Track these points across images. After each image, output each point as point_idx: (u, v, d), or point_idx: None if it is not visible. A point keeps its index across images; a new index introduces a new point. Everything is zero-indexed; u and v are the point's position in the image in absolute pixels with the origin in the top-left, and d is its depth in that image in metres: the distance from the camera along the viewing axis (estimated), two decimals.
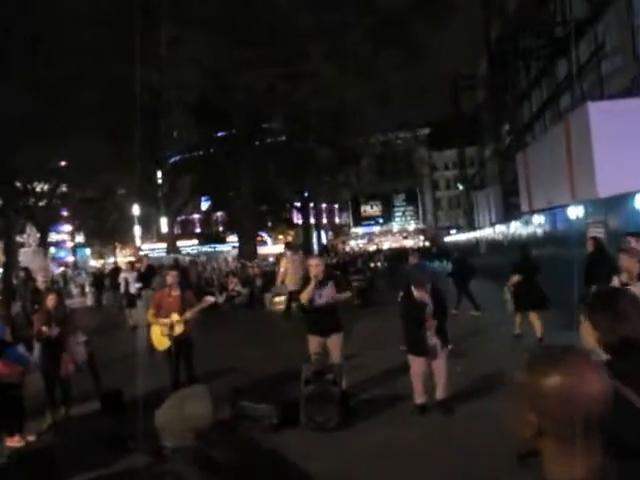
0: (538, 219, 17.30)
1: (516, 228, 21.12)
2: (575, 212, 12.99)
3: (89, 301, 27.13)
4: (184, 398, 6.22)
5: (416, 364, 6.41)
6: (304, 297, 6.86)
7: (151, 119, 28.26)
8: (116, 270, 26.88)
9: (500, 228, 25.33)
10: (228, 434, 6.29)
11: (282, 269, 15.27)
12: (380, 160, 40.52)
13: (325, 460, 5.50)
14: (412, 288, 6.32)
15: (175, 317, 7.15)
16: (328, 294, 6.76)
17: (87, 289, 29.37)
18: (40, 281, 9.82)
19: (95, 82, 24.05)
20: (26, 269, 11.58)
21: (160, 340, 7.23)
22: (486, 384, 7.20)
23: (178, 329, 7.15)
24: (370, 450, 5.66)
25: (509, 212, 30.27)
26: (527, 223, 18.95)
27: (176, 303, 7.24)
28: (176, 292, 7.36)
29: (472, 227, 47.65)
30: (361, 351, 9.36)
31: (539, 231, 17.31)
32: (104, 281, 26.77)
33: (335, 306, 6.93)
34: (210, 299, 7.79)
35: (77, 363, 7.62)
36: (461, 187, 58.94)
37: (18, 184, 31.81)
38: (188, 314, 7.22)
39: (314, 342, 6.86)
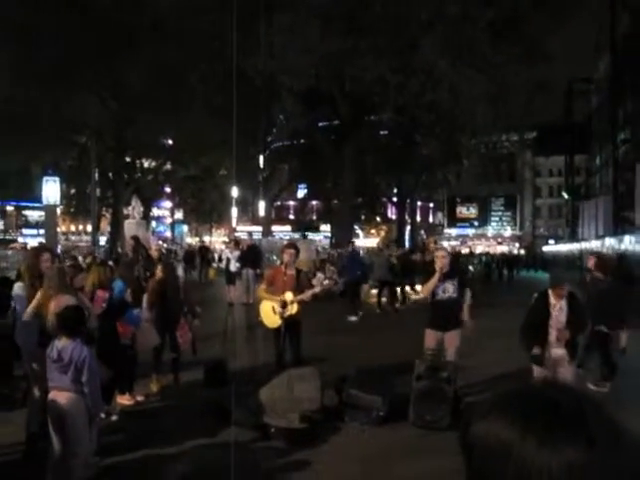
0: None
1: (630, 243, 19.82)
2: None
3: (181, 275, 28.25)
4: (293, 379, 6.17)
5: (539, 374, 5.88)
6: (425, 290, 6.61)
7: (259, 104, 28.74)
8: (204, 248, 28.88)
9: (610, 242, 23.86)
10: (334, 421, 6.18)
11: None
12: (482, 161, 39.29)
13: (430, 460, 5.26)
14: (549, 290, 5.85)
15: (289, 296, 7.05)
16: (452, 291, 6.47)
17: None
18: (153, 249, 10.12)
19: (214, 65, 24.70)
20: (136, 237, 11.99)
21: (271, 318, 7.14)
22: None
23: (292, 309, 7.02)
24: None
25: (619, 226, 28.62)
26: None
27: (291, 282, 7.11)
28: (292, 271, 7.22)
29: (574, 239, 45.52)
30: (467, 352, 8.98)
31: None
32: (195, 257, 28.46)
33: (458, 301, 6.63)
34: (328, 282, 7.65)
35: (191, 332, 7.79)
36: (566, 196, 56.41)
37: (128, 158, 33.31)
38: (304, 296, 7.06)
39: (431, 337, 6.59)
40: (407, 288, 17.84)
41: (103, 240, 35.85)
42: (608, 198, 32.22)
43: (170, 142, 35.66)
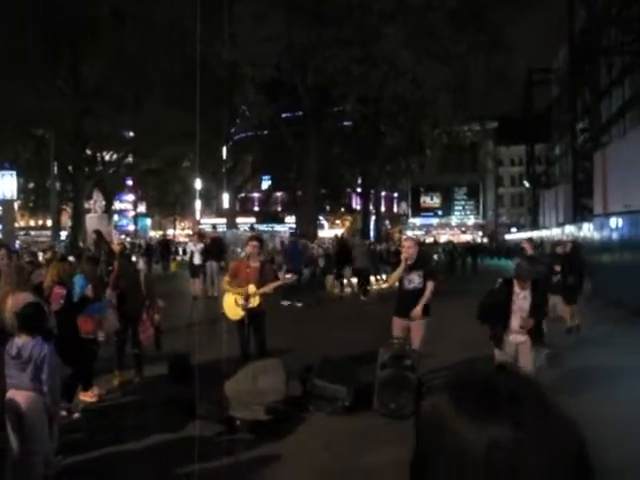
0: (615, 222, 16.54)
1: (589, 230, 20.30)
2: None
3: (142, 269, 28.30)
4: (257, 371, 6.17)
5: (500, 357, 6.04)
6: (391, 280, 6.67)
7: (222, 95, 28.48)
8: (166, 241, 29.10)
9: (570, 229, 24.43)
10: (299, 411, 6.20)
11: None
12: (445, 151, 39.71)
13: (394, 448, 5.31)
14: (515, 280, 5.92)
15: (252, 288, 7.02)
16: (417, 282, 6.53)
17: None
18: (116, 243, 9.95)
19: (173, 54, 24.34)
20: (98, 232, 11.79)
21: (233, 310, 7.13)
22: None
23: (254, 301, 7.00)
24: None
25: (578, 213, 29.23)
26: (602, 226, 18.16)
27: (254, 274, 7.08)
28: (255, 263, 7.19)
29: (536, 226, 46.40)
30: (431, 340, 9.09)
31: (615, 235, 16.56)
32: (155, 250, 28.72)
33: (424, 291, 6.67)
34: (291, 277, 7.68)
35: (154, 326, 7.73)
36: (527, 185, 57.37)
37: (89, 151, 32.68)
38: (267, 288, 7.04)
39: (398, 324, 6.67)
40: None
41: (64, 235, 35.14)
42: (568, 187, 32.87)
43: (131, 134, 35.11)
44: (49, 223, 36.78)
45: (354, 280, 17.57)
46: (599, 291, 15.64)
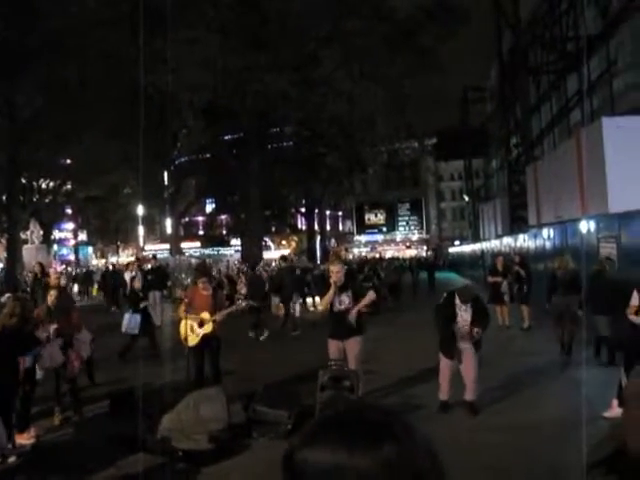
0: (547, 232, 17.25)
1: (524, 240, 21.11)
2: (586, 227, 12.95)
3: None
4: (199, 400, 6.18)
5: (444, 364, 6.67)
6: (323, 303, 6.88)
7: (160, 120, 28.33)
8: (88, 273, 29.54)
9: (507, 240, 25.32)
10: (242, 438, 6.22)
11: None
12: (386, 169, 40.45)
13: None
14: (456, 292, 6.68)
15: (206, 315, 7.30)
16: (347, 303, 6.80)
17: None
18: (53, 277, 9.75)
19: (109, 83, 24.09)
20: (40, 264, 11.57)
21: (189, 336, 7.40)
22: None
23: (207, 328, 7.28)
24: None
25: (515, 225, 30.20)
26: (536, 236, 18.92)
27: (207, 302, 7.39)
28: (208, 291, 7.52)
29: (477, 239, 47.64)
30: (373, 357, 9.26)
31: (548, 244, 17.27)
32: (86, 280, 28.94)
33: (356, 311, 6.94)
34: (242, 304, 7.93)
35: (82, 360, 7.63)
36: (467, 198, 58.92)
37: (24, 180, 31.85)
38: (218, 316, 7.36)
39: (333, 346, 6.86)
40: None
41: None
42: (504, 199, 33.91)
43: (69, 162, 34.40)
44: None
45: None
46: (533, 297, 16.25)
